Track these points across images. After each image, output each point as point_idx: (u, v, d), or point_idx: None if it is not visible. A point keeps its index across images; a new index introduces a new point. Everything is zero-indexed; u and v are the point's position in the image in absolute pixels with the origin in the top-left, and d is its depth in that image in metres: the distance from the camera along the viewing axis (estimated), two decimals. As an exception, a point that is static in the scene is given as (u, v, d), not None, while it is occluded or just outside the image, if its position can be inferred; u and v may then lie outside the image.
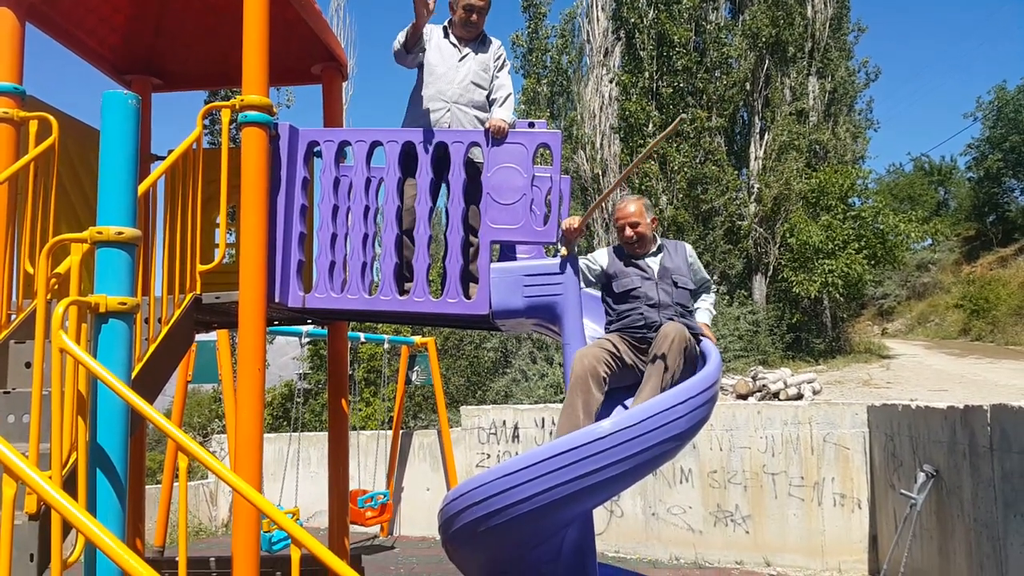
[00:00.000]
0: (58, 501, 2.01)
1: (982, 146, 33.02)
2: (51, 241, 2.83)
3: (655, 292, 4.04)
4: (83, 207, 4.36)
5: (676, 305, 4.05)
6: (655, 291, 4.04)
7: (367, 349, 16.67)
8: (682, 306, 4.09)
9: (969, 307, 25.97)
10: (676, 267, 4.14)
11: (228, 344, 8.72)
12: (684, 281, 4.12)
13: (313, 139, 4.12)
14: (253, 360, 3.61)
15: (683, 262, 4.19)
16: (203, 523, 11.48)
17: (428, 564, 8.75)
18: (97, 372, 2.53)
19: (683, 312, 4.08)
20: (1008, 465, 5.04)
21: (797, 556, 8.34)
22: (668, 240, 4.34)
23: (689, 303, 4.17)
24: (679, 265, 4.16)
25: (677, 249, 4.26)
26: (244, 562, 3.31)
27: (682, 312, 4.07)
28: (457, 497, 3.55)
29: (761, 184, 21.44)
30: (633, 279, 4.09)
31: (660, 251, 4.21)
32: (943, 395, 11.58)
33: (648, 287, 4.05)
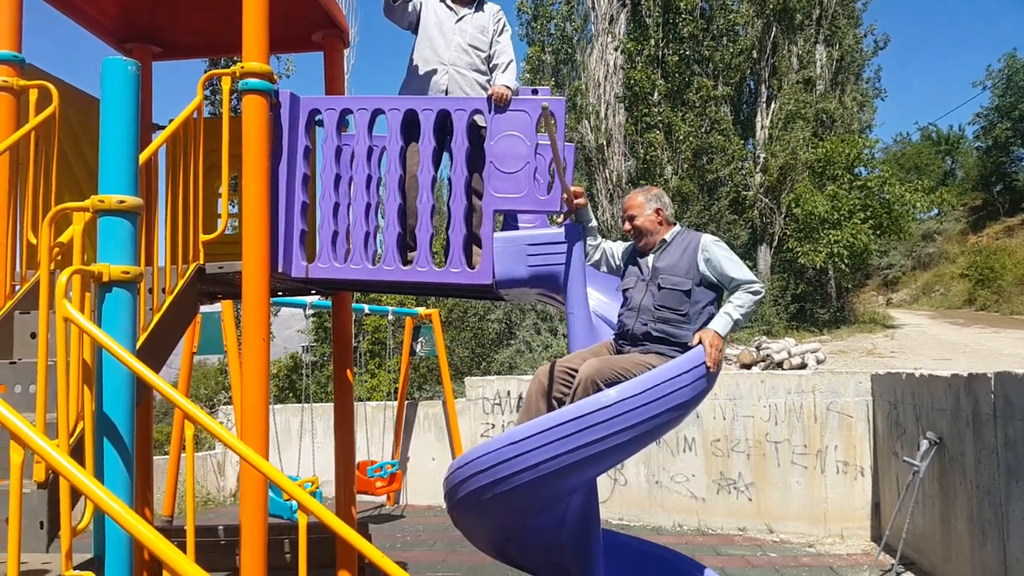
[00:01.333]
0: (66, 468, 2.03)
1: (991, 115, 32.69)
2: (53, 210, 2.83)
3: (640, 295, 3.72)
4: (85, 176, 4.35)
5: (658, 309, 3.63)
6: (640, 294, 3.72)
7: (372, 321, 16.71)
8: (670, 310, 3.62)
9: (974, 277, 25.89)
10: (670, 266, 3.70)
11: (233, 315, 8.75)
12: (675, 282, 3.65)
13: (315, 107, 4.08)
14: (257, 330, 3.62)
15: (687, 259, 3.68)
16: (211, 493, 11.60)
17: (434, 532, 8.85)
18: (102, 341, 2.53)
19: (667, 319, 3.62)
20: (1011, 432, 5.05)
21: (800, 523, 8.40)
22: (686, 234, 3.82)
23: (684, 306, 3.62)
24: (676, 263, 3.69)
25: (687, 245, 3.74)
26: (252, 529, 3.34)
27: (666, 318, 3.62)
28: (463, 465, 3.57)
29: (767, 154, 21.30)
30: (628, 279, 3.86)
31: (663, 247, 3.80)
32: (947, 364, 11.58)
33: (638, 289, 3.75)
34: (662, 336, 3.62)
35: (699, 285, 3.66)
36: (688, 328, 3.59)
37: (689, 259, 3.67)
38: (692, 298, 3.64)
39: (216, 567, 5.10)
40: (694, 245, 3.71)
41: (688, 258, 3.68)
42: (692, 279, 3.64)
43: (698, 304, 3.64)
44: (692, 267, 3.65)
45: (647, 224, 3.81)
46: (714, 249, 3.66)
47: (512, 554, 4.33)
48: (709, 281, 3.67)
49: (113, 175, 2.82)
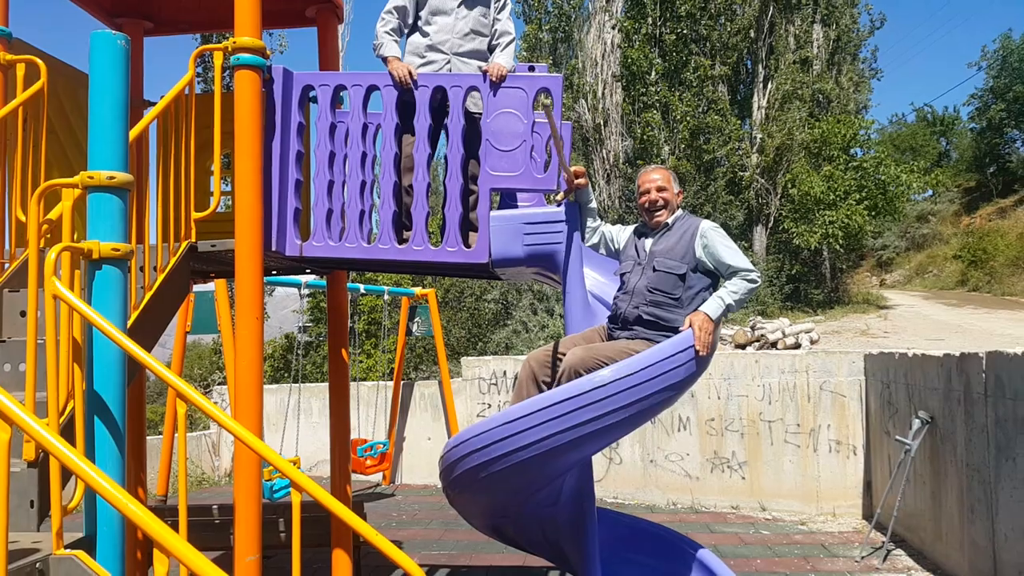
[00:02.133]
0: (56, 447, 2.01)
1: (985, 96, 32.63)
2: (42, 186, 2.79)
3: (635, 278, 3.69)
4: (75, 153, 4.30)
5: (651, 292, 3.60)
6: (636, 277, 3.69)
7: (368, 301, 16.68)
8: (663, 293, 3.59)
9: (967, 258, 25.97)
10: (667, 248, 3.67)
11: (227, 294, 8.71)
12: (670, 265, 3.61)
13: (308, 83, 4.03)
14: (251, 308, 3.59)
15: (684, 244, 3.65)
16: (206, 473, 11.61)
17: (430, 511, 8.88)
18: (92, 318, 2.50)
19: (660, 302, 3.59)
20: (1001, 411, 5.07)
21: (792, 501, 8.45)
22: (686, 219, 3.78)
23: (677, 290, 3.59)
24: (672, 246, 3.67)
25: (686, 229, 3.70)
26: (246, 508, 3.33)
27: (658, 302, 3.59)
28: (458, 444, 3.57)
29: (763, 134, 21.23)
30: (626, 263, 3.83)
31: (664, 231, 3.77)
32: (939, 344, 11.63)
33: (634, 273, 3.72)
34: (652, 320, 3.58)
35: (695, 271, 3.63)
36: (680, 312, 3.56)
37: (686, 244, 3.64)
38: (686, 283, 3.61)
39: (210, 546, 5.11)
40: (692, 230, 3.67)
41: (685, 243, 3.65)
42: (688, 264, 3.61)
43: (692, 289, 3.61)
44: (689, 252, 3.62)
45: (672, 199, 3.82)
46: (712, 235, 3.63)
47: (507, 532, 4.35)
48: (705, 267, 3.63)
49: (102, 151, 2.78)
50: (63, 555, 2.34)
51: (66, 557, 2.34)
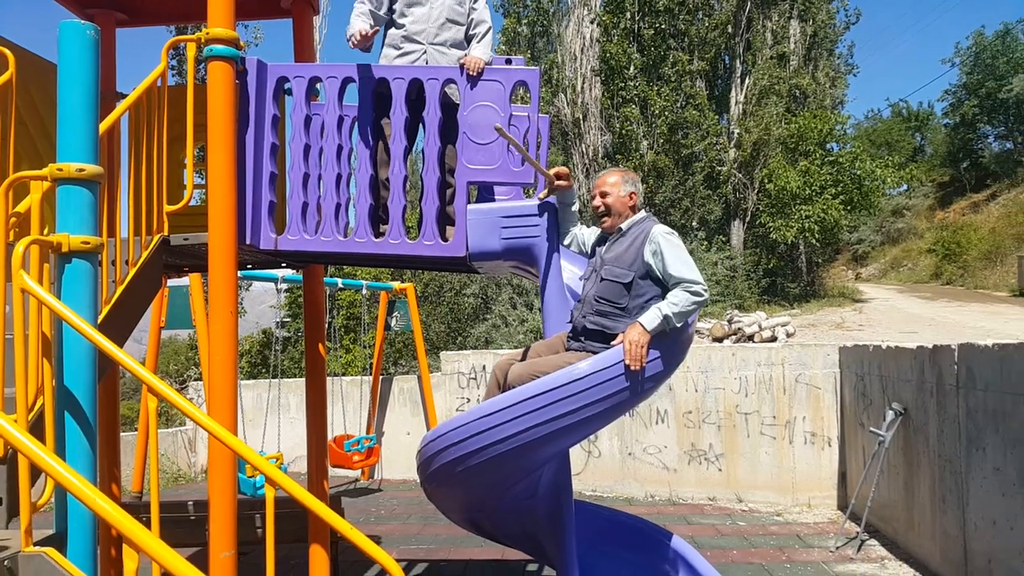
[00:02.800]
0: (24, 444, 1.98)
1: (959, 92, 33.07)
2: (10, 178, 2.74)
3: (588, 286, 3.63)
4: (45, 146, 4.23)
5: (598, 302, 3.50)
6: (589, 285, 3.63)
7: (346, 296, 16.60)
8: (608, 302, 3.48)
9: (941, 252, 26.35)
10: (616, 256, 3.56)
11: (201, 289, 8.63)
12: (617, 273, 3.50)
13: (283, 75, 3.99)
14: (225, 303, 3.55)
15: (634, 250, 3.51)
16: (182, 469, 11.51)
17: (409, 506, 8.87)
18: (61, 313, 2.47)
19: (605, 311, 3.49)
20: (972, 402, 5.15)
21: (768, 492, 8.54)
22: (643, 223, 3.63)
23: (623, 300, 3.47)
24: (621, 253, 3.55)
25: (638, 234, 3.56)
26: (221, 504, 3.31)
27: (604, 311, 3.49)
28: (435, 438, 3.57)
29: (741, 129, 21.36)
30: (586, 270, 3.76)
31: (618, 236, 3.65)
32: (913, 337, 11.78)
33: (590, 280, 3.65)
34: (598, 329, 3.48)
35: (644, 278, 3.48)
36: (626, 322, 3.41)
37: (636, 250, 3.51)
38: (632, 291, 3.47)
39: (186, 542, 5.07)
40: (643, 236, 3.52)
41: (635, 249, 3.51)
42: (636, 271, 3.48)
43: (640, 298, 3.46)
44: (638, 258, 3.49)
45: (617, 204, 3.66)
46: (662, 241, 3.44)
47: (485, 526, 4.36)
48: (655, 275, 3.47)
49: (72, 143, 2.74)
50: (32, 552, 2.31)
51: (36, 554, 2.31)
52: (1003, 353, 4.79)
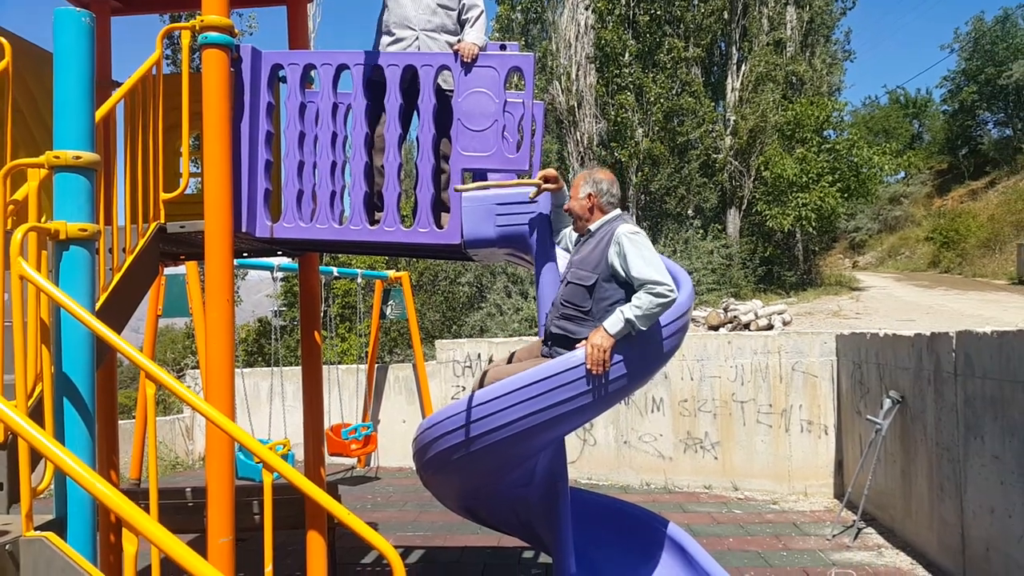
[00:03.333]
0: (24, 429, 1.99)
1: (957, 78, 33.01)
2: (7, 166, 2.74)
3: (559, 289, 3.60)
4: (42, 133, 4.22)
5: (563, 306, 3.48)
6: (560, 288, 3.59)
7: (341, 285, 16.60)
8: (573, 306, 3.45)
9: (939, 240, 26.37)
10: (582, 258, 3.51)
11: (198, 277, 8.62)
12: (581, 276, 3.45)
13: (277, 62, 3.98)
14: (221, 290, 3.56)
15: (599, 252, 3.45)
16: (180, 457, 11.54)
17: (405, 493, 8.90)
18: (59, 299, 2.48)
19: (570, 315, 3.46)
20: (970, 390, 5.17)
21: (764, 480, 8.58)
22: (611, 224, 3.53)
23: (586, 303, 3.42)
24: (587, 255, 3.49)
25: (604, 235, 3.49)
26: (218, 489, 3.32)
27: (569, 315, 3.46)
28: (431, 426, 3.59)
29: (737, 116, 21.33)
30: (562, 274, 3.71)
31: (587, 238, 3.60)
32: (911, 325, 11.82)
33: (562, 283, 3.62)
34: (562, 334, 3.46)
35: (608, 280, 3.40)
36: (591, 326, 3.36)
37: (601, 252, 3.43)
38: (595, 294, 3.41)
39: (184, 528, 5.09)
40: (609, 237, 3.43)
41: (600, 251, 3.44)
42: (599, 273, 3.41)
43: (604, 301, 3.38)
44: (602, 260, 3.41)
45: (576, 208, 3.63)
46: (625, 242, 3.33)
47: (481, 513, 4.38)
48: (621, 277, 3.38)
49: (68, 130, 2.74)
50: (33, 537, 2.32)
51: (36, 539, 2.32)
52: (1001, 340, 4.81)
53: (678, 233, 19.62)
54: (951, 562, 5.46)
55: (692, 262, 17.69)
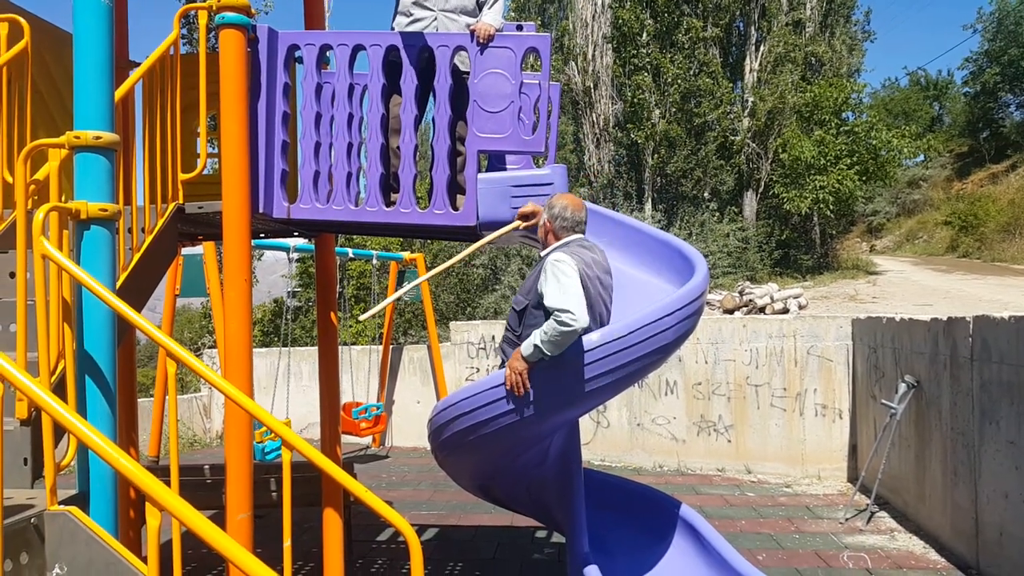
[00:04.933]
0: (48, 403, 2.03)
1: (980, 59, 32.48)
2: (28, 146, 2.77)
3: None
4: (61, 114, 4.26)
5: (506, 331, 3.61)
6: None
7: (356, 266, 16.66)
8: (509, 330, 3.56)
9: (958, 224, 26.09)
10: (522, 285, 3.62)
11: (215, 257, 8.69)
12: (516, 301, 3.56)
13: (293, 42, 3.98)
14: (239, 270, 3.59)
15: (533, 276, 3.51)
16: (197, 435, 11.68)
17: (419, 473, 8.98)
18: (80, 278, 2.51)
19: (508, 338, 3.57)
20: (987, 375, 5.14)
21: (778, 464, 8.59)
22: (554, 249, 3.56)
23: (518, 328, 3.50)
24: (526, 282, 3.58)
25: (543, 260, 3.52)
26: (237, 466, 3.37)
27: (507, 338, 3.57)
28: (447, 407, 3.61)
29: (755, 98, 21.12)
30: None
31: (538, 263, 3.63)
32: (928, 310, 11.74)
33: None
34: (502, 356, 3.56)
35: (537, 307, 3.37)
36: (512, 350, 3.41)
37: (534, 278, 3.47)
38: (524, 320, 3.46)
39: (202, 505, 5.16)
40: (544, 262, 3.44)
41: (534, 277, 3.49)
42: (530, 299, 3.44)
43: (531, 327, 3.36)
44: (534, 287, 3.43)
45: (539, 236, 3.74)
46: (548, 269, 3.32)
47: (495, 493, 4.42)
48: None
49: (88, 110, 2.76)
50: (57, 511, 2.38)
51: (60, 513, 2.37)
52: (1019, 326, 4.77)
53: (694, 216, 19.52)
54: (964, 546, 5.46)
55: (708, 245, 17.61)
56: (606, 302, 3.51)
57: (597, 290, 3.43)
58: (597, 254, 3.56)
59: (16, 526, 2.28)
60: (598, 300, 3.43)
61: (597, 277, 3.46)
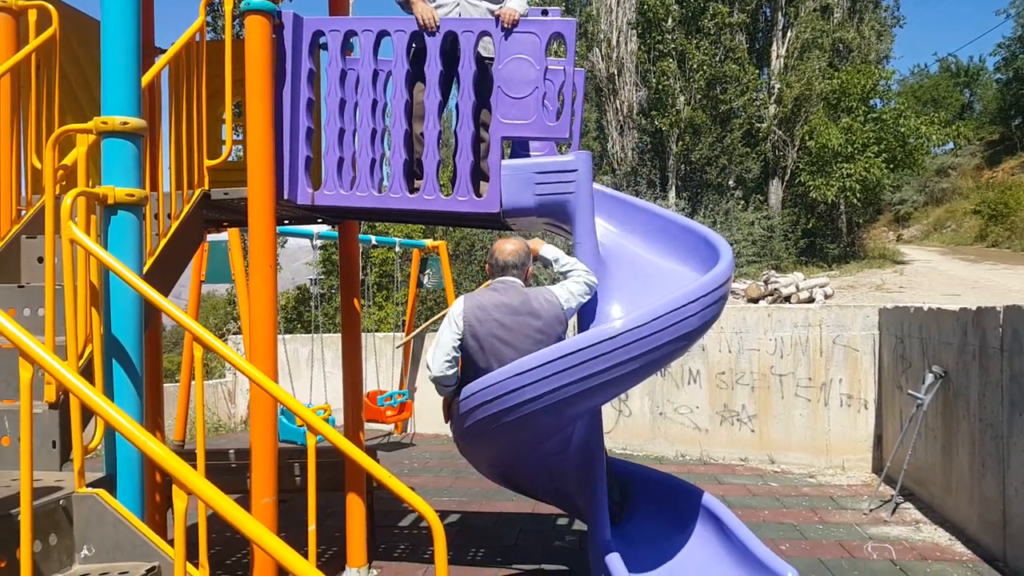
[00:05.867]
0: (76, 386, 2.05)
1: (1013, 45, 31.82)
2: (56, 132, 2.80)
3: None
4: (88, 100, 4.29)
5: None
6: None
7: (379, 254, 16.73)
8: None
9: (987, 212, 25.64)
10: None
11: (240, 243, 8.75)
12: None
13: (318, 28, 3.98)
14: (264, 256, 3.61)
15: None
16: (222, 420, 11.82)
17: (441, 459, 9.02)
18: (108, 262, 2.53)
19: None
20: (1017, 366, 5.06)
21: (802, 454, 8.52)
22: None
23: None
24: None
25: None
26: (262, 450, 3.40)
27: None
28: (470, 395, 3.61)
29: (782, 84, 20.87)
30: None
31: None
32: (955, 300, 11.57)
33: None
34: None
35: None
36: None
37: None
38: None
39: (227, 489, 5.22)
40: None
41: None
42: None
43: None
44: None
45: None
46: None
47: (517, 480, 4.42)
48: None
49: (115, 96, 2.78)
50: (85, 493, 2.41)
51: (88, 495, 2.41)
52: (1049, 316, 4.68)
53: (719, 204, 19.36)
54: (991, 539, 5.39)
55: (732, 233, 17.47)
56: (506, 340, 3.55)
57: (490, 330, 3.54)
58: (511, 296, 3.61)
59: (45, 507, 2.32)
60: (488, 338, 3.54)
61: (494, 319, 3.54)
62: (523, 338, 3.53)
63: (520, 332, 3.54)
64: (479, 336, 3.54)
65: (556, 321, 3.59)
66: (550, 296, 3.63)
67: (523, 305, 3.59)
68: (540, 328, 3.55)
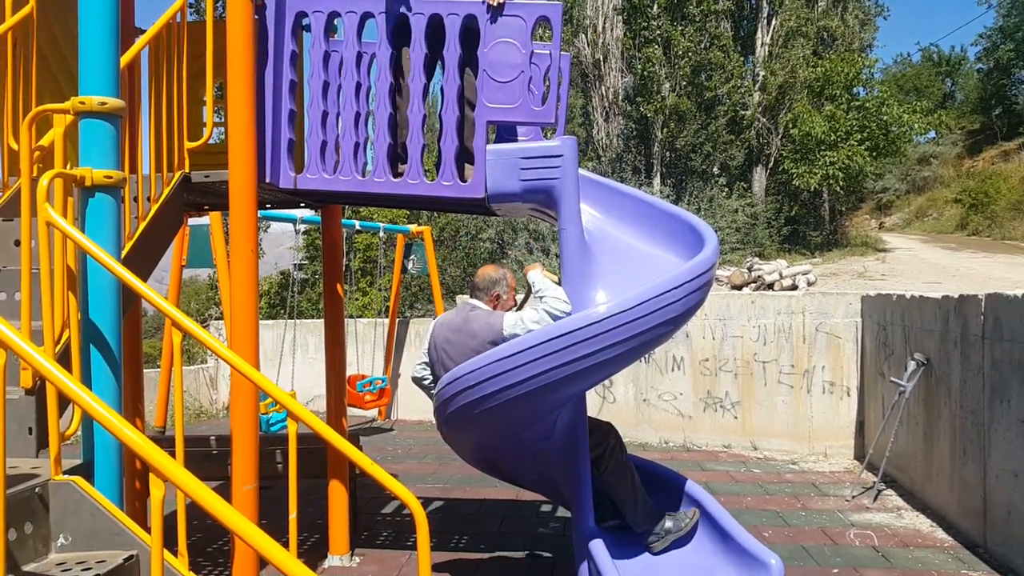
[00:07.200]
0: (52, 373, 2.00)
1: (994, 35, 32.04)
2: (32, 112, 2.73)
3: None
4: (66, 80, 4.20)
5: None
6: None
7: (363, 239, 16.62)
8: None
9: (968, 201, 25.87)
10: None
11: (221, 227, 8.66)
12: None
13: (301, 9, 3.91)
14: (246, 241, 3.56)
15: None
16: (204, 407, 11.74)
17: (424, 446, 9.00)
18: (85, 246, 2.48)
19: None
20: (998, 353, 5.10)
21: (784, 441, 8.58)
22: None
23: None
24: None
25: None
26: (243, 437, 3.36)
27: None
28: (452, 381, 3.59)
29: (766, 72, 20.89)
30: None
31: None
32: (937, 287, 11.66)
33: None
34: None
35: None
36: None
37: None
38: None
39: (208, 476, 5.18)
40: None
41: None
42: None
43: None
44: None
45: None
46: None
47: (501, 467, 4.41)
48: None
49: (93, 76, 2.72)
50: (61, 480, 2.37)
51: (64, 482, 2.36)
52: (1031, 304, 4.71)
53: (703, 191, 19.39)
54: (971, 525, 5.45)
55: (716, 220, 17.51)
56: (449, 353, 3.87)
57: (435, 342, 3.99)
58: (459, 315, 3.98)
59: (20, 495, 2.27)
60: (437, 351, 3.96)
61: (443, 336, 3.94)
62: (460, 354, 3.77)
63: (459, 348, 3.81)
64: (435, 348, 3.98)
65: (489, 343, 3.73)
66: (493, 320, 3.79)
67: (464, 324, 3.87)
68: (474, 348, 3.74)
